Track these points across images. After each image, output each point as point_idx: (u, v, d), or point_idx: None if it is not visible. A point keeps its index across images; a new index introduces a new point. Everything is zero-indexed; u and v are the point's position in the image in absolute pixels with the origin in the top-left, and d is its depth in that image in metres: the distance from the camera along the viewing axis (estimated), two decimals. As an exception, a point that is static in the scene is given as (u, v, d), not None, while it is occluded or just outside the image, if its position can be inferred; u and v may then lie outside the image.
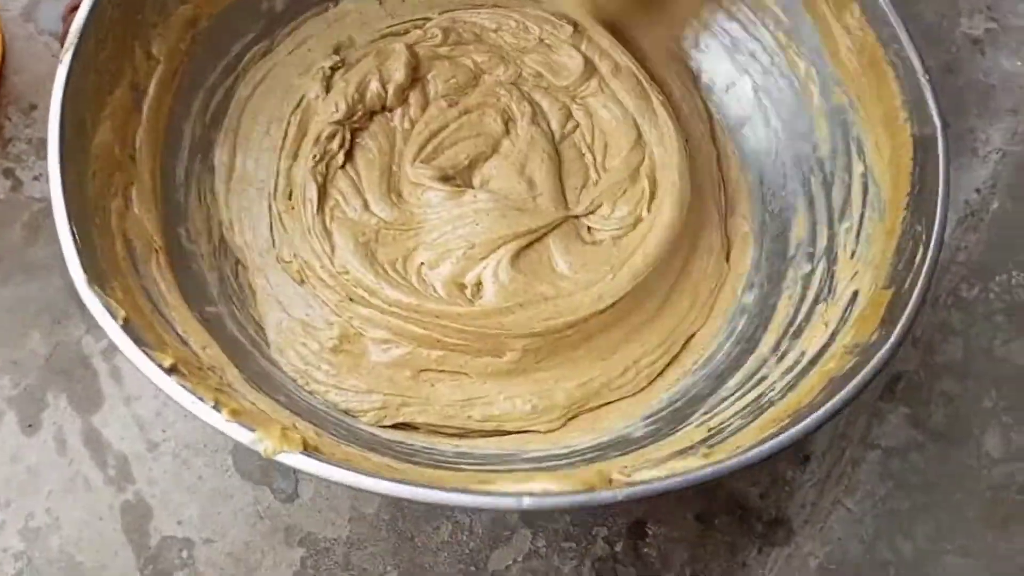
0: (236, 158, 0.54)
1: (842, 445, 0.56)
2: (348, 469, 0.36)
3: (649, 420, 0.50)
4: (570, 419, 0.50)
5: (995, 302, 0.60)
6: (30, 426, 0.53)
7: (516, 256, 0.51)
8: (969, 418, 0.56)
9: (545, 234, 0.53)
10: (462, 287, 0.51)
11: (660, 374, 0.52)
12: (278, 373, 0.49)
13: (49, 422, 0.53)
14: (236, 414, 0.37)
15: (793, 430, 0.39)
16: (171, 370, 0.38)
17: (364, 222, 0.52)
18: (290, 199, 0.52)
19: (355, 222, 0.52)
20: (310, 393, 0.49)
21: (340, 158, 0.53)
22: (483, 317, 0.49)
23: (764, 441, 0.39)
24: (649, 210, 0.54)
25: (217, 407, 0.37)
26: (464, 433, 0.50)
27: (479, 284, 0.51)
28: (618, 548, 0.53)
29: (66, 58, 0.44)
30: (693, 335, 0.54)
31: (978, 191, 0.62)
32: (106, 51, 0.46)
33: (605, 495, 0.36)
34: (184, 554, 0.51)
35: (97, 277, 0.39)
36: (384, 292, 0.49)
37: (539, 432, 0.50)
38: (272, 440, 0.36)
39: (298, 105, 0.55)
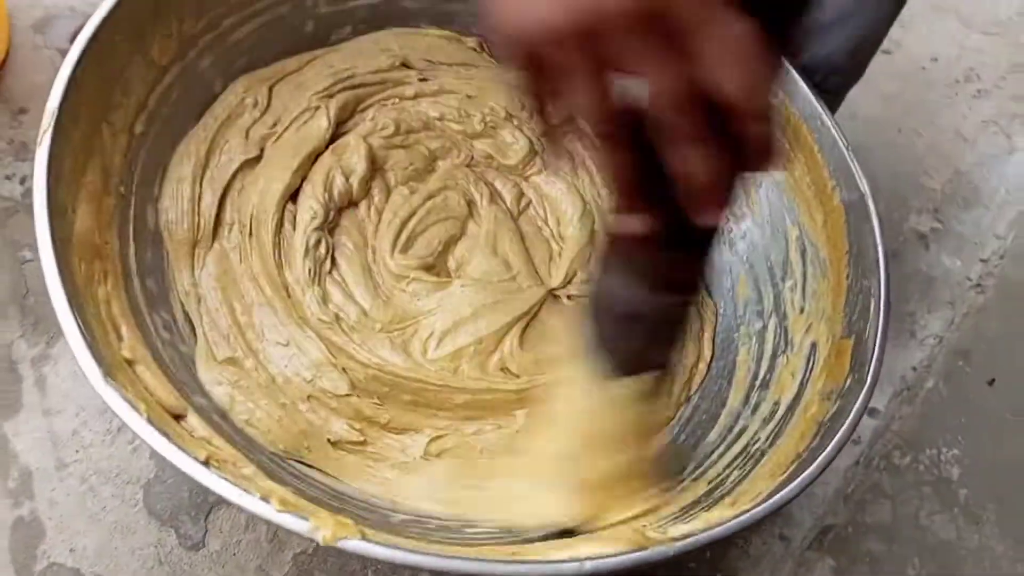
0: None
1: (768, 591, 0.56)
2: (424, 554, 0.35)
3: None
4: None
5: (924, 474, 0.61)
6: (-68, 421, 0.47)
7: (521, 337, 0.54)
8: (891, 582, 0.57)
9: (536, 311, 0.55)
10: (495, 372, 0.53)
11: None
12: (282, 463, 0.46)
13: (-45, 420, 0.48)
14: (286, 504, 0.35)
15: (808, 471, 0.42)
16: (206, 463, 0.36)
17: (368, 327, 0.51)
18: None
19: (361, 333, 0.51)
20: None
21: (328, 264, 0.53)
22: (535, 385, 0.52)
23: (784, 485, 0.42)
24: None
25: (265, 498, 0.35)
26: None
27: (504, 368, 0.53)
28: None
29: (45, 140, 0.41)
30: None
31: (914, 369, 0.66)
32: (79, 131, 0.44)
33: (660, 550, 0.37)
34: (69, 586, 0.47)
35: (108, 370, 0.37)
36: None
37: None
38: (329, 528, 0.35)
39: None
